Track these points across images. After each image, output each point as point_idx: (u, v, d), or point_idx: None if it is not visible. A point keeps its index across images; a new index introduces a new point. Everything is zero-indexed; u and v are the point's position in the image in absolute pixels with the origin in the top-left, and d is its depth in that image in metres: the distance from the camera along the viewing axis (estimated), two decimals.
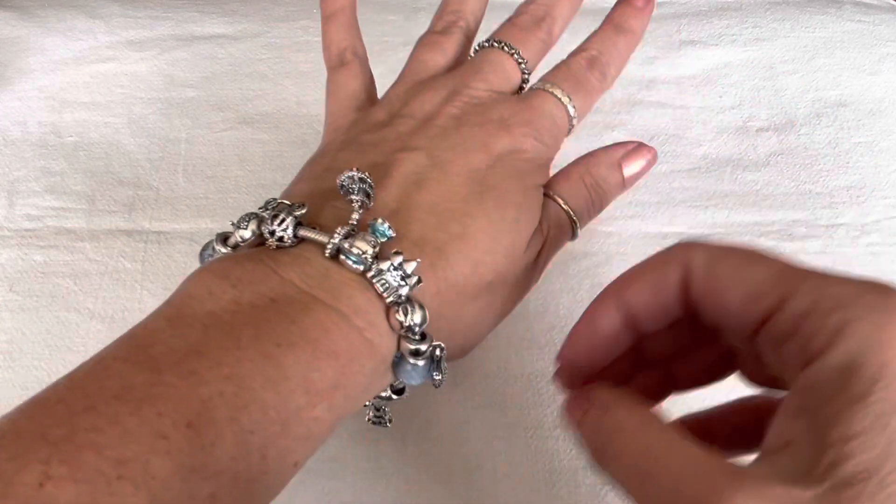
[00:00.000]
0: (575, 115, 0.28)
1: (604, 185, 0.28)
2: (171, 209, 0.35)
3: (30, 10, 0.42)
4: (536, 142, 0.26)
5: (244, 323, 0.19)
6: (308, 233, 0.22)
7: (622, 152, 0.28)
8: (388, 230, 0.22)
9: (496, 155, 0.25)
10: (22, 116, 0.38)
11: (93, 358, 0.19)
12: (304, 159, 0.37)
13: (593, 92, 0.29)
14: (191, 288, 0.20)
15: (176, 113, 0.38)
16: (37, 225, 0.34)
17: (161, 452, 0.16)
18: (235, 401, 0.18)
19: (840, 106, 0.39)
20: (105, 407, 0.17)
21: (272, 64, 0.40)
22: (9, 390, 0.29)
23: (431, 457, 0.28)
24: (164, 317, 0.20)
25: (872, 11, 0.43)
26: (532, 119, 0.26)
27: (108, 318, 0.31)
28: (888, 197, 0.35)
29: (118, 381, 0.17)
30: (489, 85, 0.27)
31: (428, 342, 0.22)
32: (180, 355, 0.18)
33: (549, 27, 0.29)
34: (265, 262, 0.21)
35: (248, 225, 0.22)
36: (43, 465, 0.15)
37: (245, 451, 0.18)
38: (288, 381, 0.19)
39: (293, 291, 0.20)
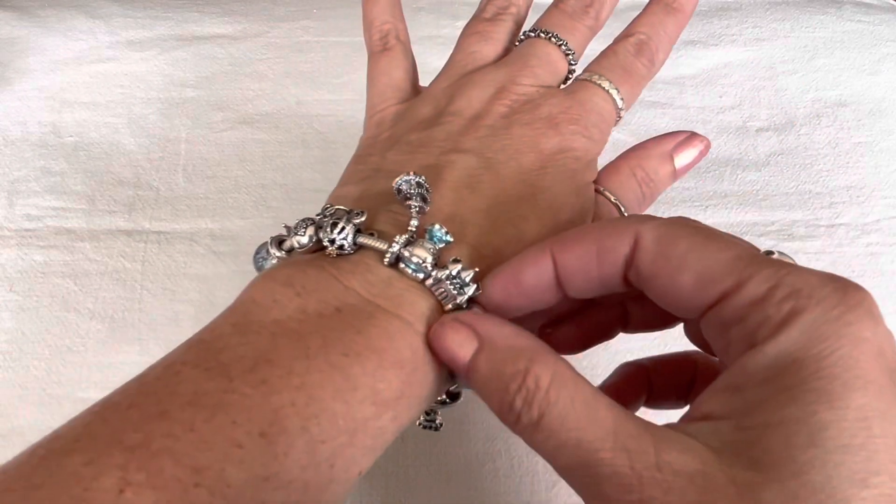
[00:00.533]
0: (623, 107, 0.27)
1: (655, 178, 0.27)
2: (171, 209, 0.35)
3: (30, 10, 0.42)
4: (585, 139, 0.25)
5: (311, 332, 0.19)
6: (368, 240, 0.21)
7: (674, 143, 0.27)
8: (445, 235, 0.21)
9: (546, 155, 0.25)
10: (22, 116, 0.38)
11: (160, 362, 0.19)
12: (304, 159, 0.37)
13: (641, 80, 0.28)
14: (256, 295, 0.20)
15: (176, 113, 0.38)
16: (37, 225, 0.34)
17: (235, 461, 0.16)
18: (306, 410, 0.18)
19: (840, 106, 0.39)
20: (179, 413, 0.17)
21: (272, 64, 0.40)
22: (9, 390, 0.29)
23: (431, 457, 0.28)
24: (230, 323, 0.20)
25: (872, 11, 0.43)
26: (581, 115, 0.26)
27: (108, 318, 0.31)
28: (888, 197, 0.35)
29: (190, 387, 0.17)
30: (537, 80, 0.26)
31: None
32: (250, 363, 0.18)
33: (596, 12, 0.28)
34: (328, 269, 0.21)
35: (306, 231, 0.22)
36: (121, 471, 0.15)
37: (315, 460, 0.18)
38: (356, 391, 0.19)
39: (356, 300, 0.20)
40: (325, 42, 0.41)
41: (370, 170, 0.25)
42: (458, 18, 0.42)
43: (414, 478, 0.28)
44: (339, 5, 0.43)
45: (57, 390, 0.29)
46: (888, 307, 0.32)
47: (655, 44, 0.28)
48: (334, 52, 0.41)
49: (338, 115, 0.38)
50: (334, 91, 0.39)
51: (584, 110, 0.26)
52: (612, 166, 0.28)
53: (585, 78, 0.27)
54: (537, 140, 0.25)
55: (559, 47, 0.27)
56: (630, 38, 0.28)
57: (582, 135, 0.25)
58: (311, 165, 0.36)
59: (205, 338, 0.19)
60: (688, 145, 0.27)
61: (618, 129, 0.37)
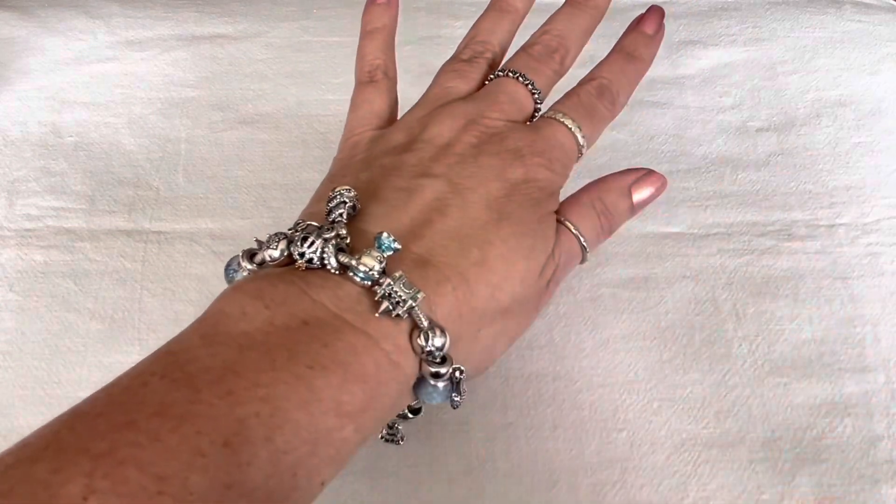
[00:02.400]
0: (584, 144, 0.28)
1: (613, 212, 0.29)
2: (171, 209, 0.35)
3: (30, 10, 0.42)
4: (548, 171, 0.27)
5: (278, 345, 0.20)
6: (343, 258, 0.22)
7: (632, 178, 0.29)
8: (393, 243, 0.22)
9: (511, 184, 0.26)
10: (22, 116, 0.38)
11: (128, 373, 0.19)
12: (304, 159, 0.37)
13: (602, 120, 0.29)
14: (225, 306, 0.21)
15: (176, 113, 0.38)
16: (37, 225, 0.34)
17: (199, 469, 0.17)
18: (271, 421, 0.18)
19: (840, 106, 0.39)
20: (146, 423, 0.17)
21: (272, 64, 0.40)
22: (9, 390, 0.29)
23: (431, 457, 0.28)
24: (199, 334, 0.20)
25: (872, 11, 0.43)
26: (544, 149, 0.27)
27: (108, 318, 0.31)
28: (888, 197, 0.35)
29: (157, 398, 0.18)
30: (505, 115, 0.28)
31: (448, 365, 0.22)
32: (217, 374, 0.18)
33: (561, 58, 0.30)
34: (297, 283, 0.21)
35: (278, 245, 0.22)
36: (86, 478, 0.16)
37: (278, 470, 0.18)
38: (320, 402, 0.19)
39: (324, 314, 0.21)
40: (325, 42, 0.41)
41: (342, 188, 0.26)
42: (457, 18, 0.42)
43: (414, 478, 0.28)
44: (338, 5, 0.43)
45: (57, 390, 0.29)
46: (888, 307, 0.32)
47: (616, 88, 0.30)
48: (334, 52, 0.41)
49: (338, 115, 0.38)
50: (334, 91, 0.39)
51: (548, 145, 0.27)
52: (574, 198, 0.29)
53: (550, 115, 0.29)
54: (504, 170, 0.26)
55: (526, 86, 0.29)
56: (593, 81, 0.30)
57: (546, 167, 0.27)
58: (311, 165, 0.36)
59: (173, 349, 0.20)
60: (645, 182, 0.29)
61: (617, 130, 0.38)
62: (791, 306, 0.32)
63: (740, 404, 0.29)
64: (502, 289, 0.24)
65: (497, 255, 0.24)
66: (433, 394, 0.23)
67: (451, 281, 0.23)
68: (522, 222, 0.25)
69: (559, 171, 0.28)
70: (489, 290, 0.24)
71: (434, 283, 0.23)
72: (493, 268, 0.24)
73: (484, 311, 0.24)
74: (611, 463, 0.28)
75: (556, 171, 0.27)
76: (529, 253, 0.25)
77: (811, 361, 0.30)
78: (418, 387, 0.23)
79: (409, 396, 0.23)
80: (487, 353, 0.26)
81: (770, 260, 0.33)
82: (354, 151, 0.29)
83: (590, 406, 0.29)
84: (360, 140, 0.29)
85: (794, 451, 0.28)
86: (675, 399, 0.29)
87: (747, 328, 0.31)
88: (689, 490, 0.27)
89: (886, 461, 0.28)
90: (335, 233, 0.22)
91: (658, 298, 0.32)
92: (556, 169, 0.27)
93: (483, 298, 0.24)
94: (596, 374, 0.30)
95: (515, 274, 0.25)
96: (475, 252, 0.24)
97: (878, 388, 0.30)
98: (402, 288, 0.21)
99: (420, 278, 0.23)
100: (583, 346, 0.31)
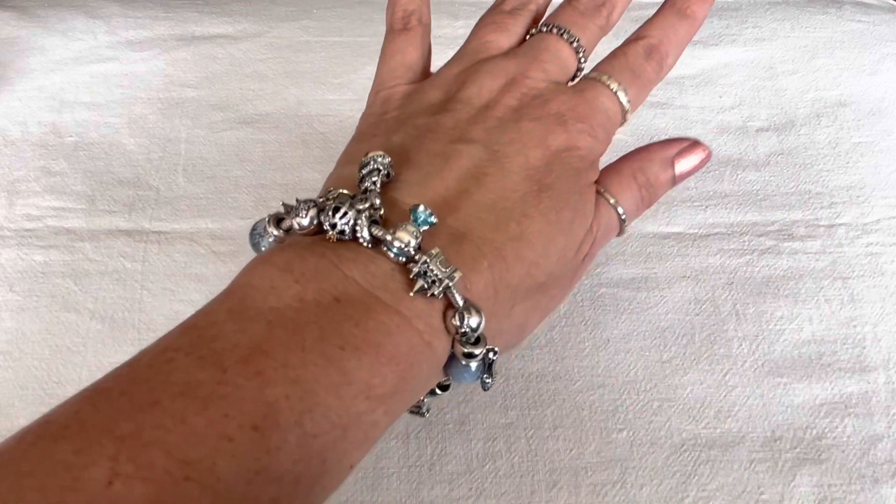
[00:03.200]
0: (629, 109, 0.27)
1: (655, 184, 0.27)
2: (171, 209, 0.35)
3: (30, 10, 0.42)
4: (591, 138, 0.25)
5: (308, 322, 0.19)
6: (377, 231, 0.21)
7: (676, 149, 0.28)
8: (430, 217, 0.21)
9: (553, 152, 0.24)
10: (22, 116, 0.38)
11: (153, 348, 0.18)
12: (305, 159, 0.37)
13: (649, 83, 0.27)
14: (253, 279, 0.20)
15: (176, 113, 0.38)
16: (37, 225, 0.34)
17: (227, 455, 0.16)
18: (300, 405, 0.17)
19: (840, 106, 0.39)
20: (171, 403, 0.16)
21: (272, 64, 0.40)
22: (9, 390, 0.29)
23: (433, 457, 0.28)
24: (226, 309, 0.19)
25: (872, 11, 0.43)
26: (588, 114, 0.25)
27: (108, 318, 0.31)
28: (888, 197, 0.35)
29: (183, 376, 0.17)
30: (547, 75, 0.26)
31: (482, 345, 0.21)
32: (245, 353, 0.18)
33: (608, 12, 0.28)
34: (328, 257, 0.20)
35: (308, 213, 0.21)
36: (111, 461, 0.15)
37: (307, 454, 0.18)
38: (350, 385, 0.18)
39: (356, 291, 0.20)
40: (325, 42, 0.41)
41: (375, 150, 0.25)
42: (457, 18, 0.42)
43: (414, 478, 0.28)
44: (339, 5, 0.43)
45: (57, 390, 0.29)
46: (888, 307, 0.32)
47: (666, 48, 0.28)
48: (334, 52, 0.41)
49: (338, 115, 0.38)
50: (334, 91, 0.39)
51: (592, 109, 0.26)
52: (614, 168, 0.27)
53: (594, 77, 0.27)
54: (545, 136, 0.24)
55: (570, 44, 0.27)
56: (641, 40, 0.28)
57: (588, 134, 0.25)
58: (311, 165, 0.36)
59: (199, 323, 0.19)
60: (690, 153, 0.28)
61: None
62: (791, 306, 0.32)
63: (740, 404, 0.29)
64: (539, 265, 0.23)
65: (535, 230, 0.23)
66: (464, 374, 0.22)
67: (488, 257, 0.22)
68: (562, 194, 0.24)
69: (601, 139, 0.26)
70: (525, 267, 0.23)
71: (470, 260, 0.22)
72: (531, 243, 0.23)
73: (518, 287, 0.23)
74: (611, 463, 0.28)
75: (598, 138, 0.26)
76: (569, 227, 0.24)
77: (811, 361, 0.30)
78: (449, 366, 0.22)
79: (440, 375, 0.22)
80: (520, 329, 0.25)
81: (770, 260, 0.33)
82: (386, 107, 0.27)
83: (590, 406, 0.29)
84: (391, 95, 0.27)
85: (794, 451, 0.28)
86: (675, 399, 0.29)
87: (747, 328, 0.31)
88: (689, 490, 0.27)
89: (886, 461, 0.28)
90: (369, 203, 0.21)
91: (658, 298, 0.32)
92: (598, 136, 0.26)
93: (519, 275, 0.23)
94: (596, 374, 0.30)
95: (553, 250, 0.23)
96: (513, 226, 0.23)
97: (878, 388, 0.30)
98: (439, 266, 0.20)
99: (456, 254, 0.21)
100: (583, 346, 0.31)
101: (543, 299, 0.25)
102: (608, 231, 0.27)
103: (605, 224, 0.26)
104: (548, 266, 0.23)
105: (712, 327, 0.31)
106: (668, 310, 0.32)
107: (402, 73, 0.28)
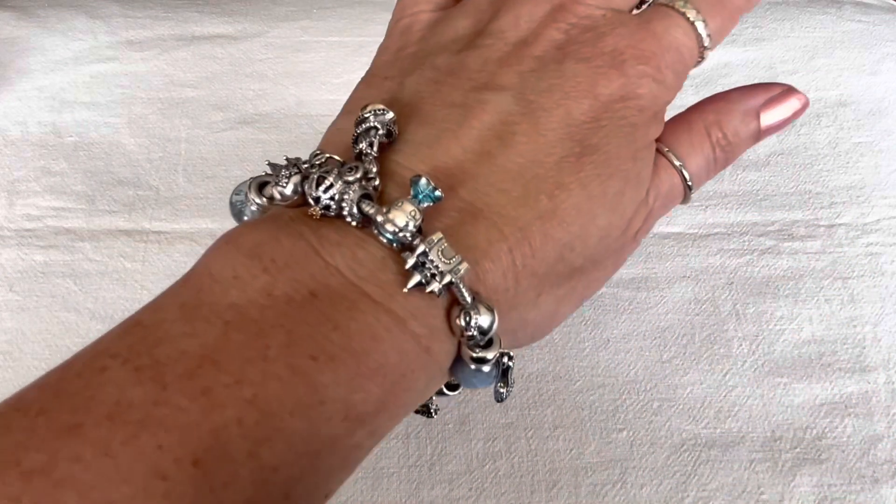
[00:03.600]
0: (708, 45, 0.21)
1: (734, 140, 0.22)
2: (171, 209, 0.35)
3: (30, 10, 0.42)
4: (656, 83, 0.20)
5: (274, 325, 0.15)
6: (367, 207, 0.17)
7: (765, 97, 0.22)
8: (433, 192, 0.17)
9: (603, 103, 0.19)
10: (22, 116, 0.38)
11: (89, 350, 0.16)
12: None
13: (736, 12, 0.22)
14: (213, 266, 0.17)
15: (176, 113, 0.38)
16: (37, 225, 0.34)
17: (157, 496, 0.13)
18: (256, 431, 0.14)
19: (840, 106, 0.39)
20: (94, 429, 0.13)
21: (272, 64, 0.40)
22: (9, 390, 0.29)
23: (433, 457, 0.28)
24: (178, 304, 0.16)
25: (872, 11, 0.43)
26: (654, 53, 0.20)
27: (108, 318, 0.31)
28: (888, 197, 0.35)
29: (113, 393, 0.14)
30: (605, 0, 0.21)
31: (495, 349, 0.18)
32: (192, 364, 0.14)
33: None
34: (306, 237, 0.17)
35: (290, 180, 0.18)
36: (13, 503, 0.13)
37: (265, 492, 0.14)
38: (323, 405, 0.15)
39: (338, 283, 0.16)
40: (325, 42, 0.41)
41: (382, 98, 0.21)
42: None
43: (414, 478, 0.28)
44: (339, 5, 0.43)
45: None
46: (888, 307, 0.32)
47: None
48: (334, 52, 0.41)
49: None
50: (334, 91, 0.39)
51: (660, 46, 0.20)
52: (683, 121, 0.22)
53: (666, 3, 0.21)
54: (595, 82, 0.19)
55: None
56: None
57: (653, 78, 0.20)
58: None
59: (145, 320, 0.16)
60: (781, 101, 0.22)
61: None
62: (791, 306, 0.32)
63: (740, 404, 0.29)
64: (574, 248, 0.19)
65: (572, 206, 0.18)
66: (474, 379, 0.18)
67: (508, 240, 0.18)
68: (611, 159, 0.19)
69: (670, 83, 0.20)
70: (557, 251, 0.18)
71: (485, 243, 0.18)
72: (566, 221, 0.18)
73: (547, 275, 0.19)
74: (611, 463, 0.28)
75: (665, 82, 0.20)
76: (615, 201, 0.19)
77: (811, 361, 0.30)
78: (456, 368, 0.18)
79: (442, 379, 0.19)
80: (548, 320, 0.20)
81: (770, 260, 0.33)
82: (405, 40, 0.22)
83: (590, 406, 0.29)
84: (412, 24, 0.23)
85: (794, 451, 0.28)
86: (675, 399, 0.29)
87: (747, 328, 0.31)
88: (689, 490, 0.27)
89: (886, 461, 0.28)
90: (361, 172, 0.17)
91: (658, 298, 0.32)
92: (665, 80, 0.20)
93: (548, 261, 0.18)
94: (596, 374, 0.30)
95: (594, 230, 0.19)
96: (543, 200, 0.18)
97: (878, 388, 0.30)
98: (440, 257, 0.16)
99: (467, 236, 0.18)
100: (583, 346, 0.31)
101: (580, 285, 0.20)
102: (669, 200, 0.22)
103: (667, 192, 0.22)
104: (586, 249, 0.19)
105: (712, 327, 0.31)
106: (668, 310, 0.32)
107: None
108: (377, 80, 0.22)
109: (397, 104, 0.20)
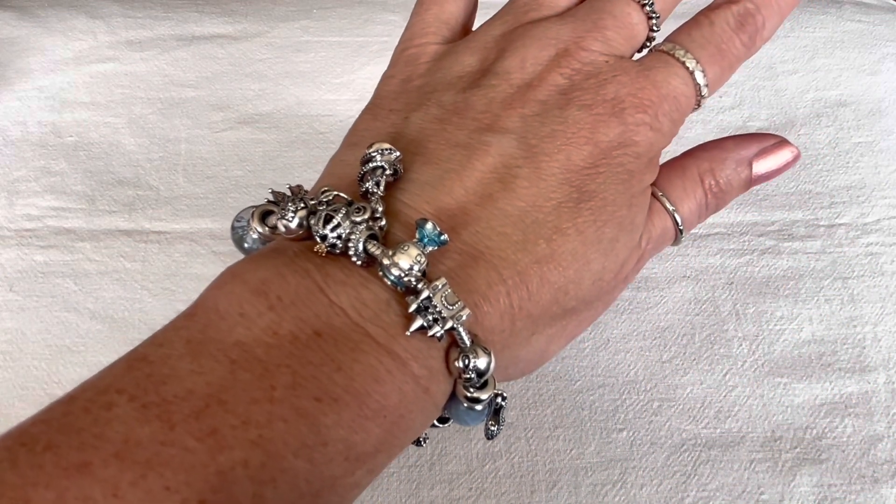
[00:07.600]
0: (706, 93, 0.22)
1: (725, 188, 0.23)
2: (171, 209, 0.35)
3: (30, 10, 0.42)
4: (652, 131, 0.20)
5: (280, 364, 0.16)
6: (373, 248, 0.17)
7: (756, 148, 0.23)
8: (439, 236, 0.17)
9: (602, 149, 0.20)
10: (22, 116, 0.38)
11: (94, 383, 0.16)
12: (305, 159, 0.37)
13: (737, 61, 0.22)
14: (220, 302, 0.17)
15: (176, 113, 0.38)
16: (37, 225, 0.34)
17: None
18: (261, 473, 0.14)
19: (840, 106, 0.39)
20: (103, 468, 0.13)
21: (272, 64, 0.40)
22: (9, 390, 0.29)
23: (432, 457, 0.28)
24: (185, 339, 0.16)
25: (872, 11, 0.43)
26: (652, 101, 0.20)
27: (108, 318, 0.31)
28: (888, 197, 0.35)
29: (121, 431, 0.14)
30: (608, 46, 0.21)
31: (489, 389, 0.18)
32: (199, 404, 0.15)
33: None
34: (312, 275, 0.17)
35: (296, 215, 0.18)
36: None
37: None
38: (326, 446, 0.15)
39: (342, 323, 0.17)
40: (325, 42, 0.41)
41: (387, 132, 0.21)
42: None
43: (414, 478, 0.28)
44: (339, 5, 0.43)
45: (57, 390, 0.29)
46: (888, 307, 0.32)
47: (762, 18, 0.22)
48: (334, 52, 0.41)
49: (338, 115, 0.38)
50: (334, 91, 0.39)
51: (659, 95, 0.21)
52: (678, 166, 0.23)
53: (667, 51, 0.22)
54: (595, 129, 0.20)
55: (642, 7, 0.22)
56: (733, 6, 0.22)
57: (650, 126, 0.20)
58: (311, 165, 0.36)
59: (151, 356, 0.16)
60: (774, 152, 0.23)
61: None
62: (791, 306, 0.32)
63: (740, 404, 0.29)
64: (568, 291, 0.19)
65: (568, 251, 0.19)
66: (466, 417, 0.19)
67: (507, 283, 0.18)
68: (607, 206, 0.20)
69: (666, 131, 0.21)
70: (552, 293, 0.19)
71: (484, 287, 0.18)
72: (562, 266, 0.19)
73: (541, 316, 0.19)
74: (611, 463, 0.28)
75: (661, 130, 0.21)
76: (610, 247, 0.20)
77: (811, 361, 0.30)
78: (450, 405, 0.19)
79: (436, 415, 0.19)
80: (538, 357, 0.21)
81: (770, 260, 0.33)
82: (410, 71, 0.22)
83: (590, 406, 0.29)
84: (418, 54, 0.23)
85: (794, 451, 0.28)
86: (675, 399, 0.29)
87: (747, 328, 0.31)
88: (689, 490, 0.27)
89: (886, 461, 0.28)
90: (368, 213, 0.17)
91: (658, 298, 0.32)
92: (662, 127, 0.21)
93: (543, 304, 0.19)
94: (596, 374, 0.30)
95: (588, 274, 0.20)
96: (542, 245, 0.19)
97: (878, 388, 0.30)
98: (443, 302, 0.17)
99: (467, 279, 0.18)
100: (583, 346, 0.31)
101: (570, 325, 0.21)
102: (661, 242, 0.23)
103: (658, 235, 0.22)
104: (580, 292, 0.20)
105: (712, 327, 0.31)
106: (667, 310, 0.32)
107: (437, 28, 0.23)
108: (382, 112, 0.22)
109: (402, 140, 0.20)
